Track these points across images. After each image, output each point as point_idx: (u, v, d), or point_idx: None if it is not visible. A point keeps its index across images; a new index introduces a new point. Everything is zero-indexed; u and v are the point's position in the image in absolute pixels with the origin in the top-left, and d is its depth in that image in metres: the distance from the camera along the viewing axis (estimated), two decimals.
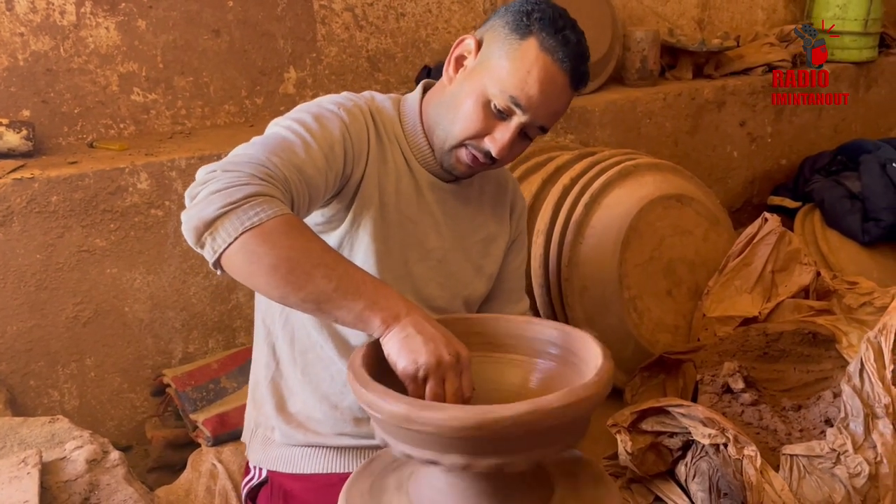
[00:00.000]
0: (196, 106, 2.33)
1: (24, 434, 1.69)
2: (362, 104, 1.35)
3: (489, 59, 1.29)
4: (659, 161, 2.41)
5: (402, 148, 1.39)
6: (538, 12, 1.28)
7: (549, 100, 1.27)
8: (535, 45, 1.26)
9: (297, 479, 1.42)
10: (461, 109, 1.30)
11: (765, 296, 2.16)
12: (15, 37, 2.05)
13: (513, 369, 1.25)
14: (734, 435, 1.64)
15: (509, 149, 1.30)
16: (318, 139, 1.21)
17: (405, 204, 1.37)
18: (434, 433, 0.95)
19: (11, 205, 1.85)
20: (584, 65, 1.30)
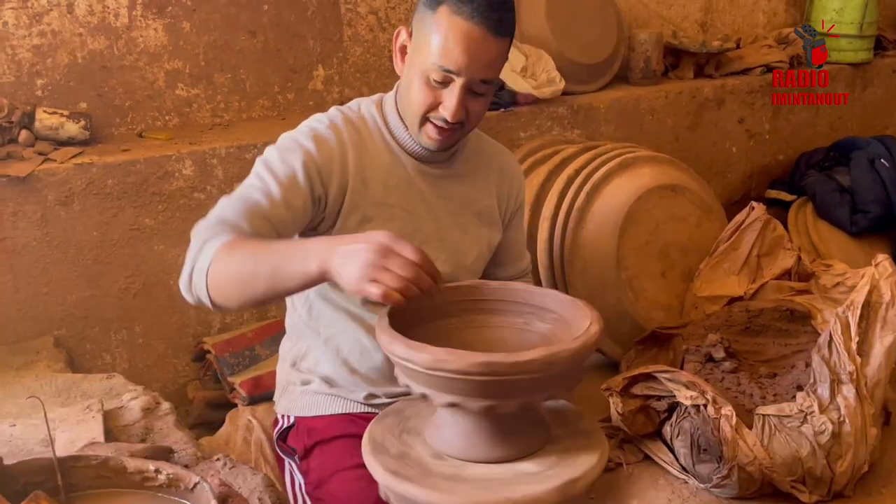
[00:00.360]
0: (234, 100, 2.55)
1: (86, 387, 1.91)
2: (339, 121, 1.49)
3: (418, 41, 1.41)
4: (657, 154, 2.60)
5: (389, 144, 1.53)
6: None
7: (476, 56, 1.36)
8: (445, 12, 1.35)
9: (320, 418, 1.62)
10: (412, 91, 1.42)
11: (750, 277, 2.35)
12: (74, 37, 2.28)
13: (513, 330, 1.45)
14: (713, 396, 1.83)
15: (462, 110, 1.40)
16: (281, 180, 1.38)
17: (398, 196, 1.52)
18: (451, 378, 1.15)
19: (73, 187, 2.08)
20: (498, 11, 1.36)
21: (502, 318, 1.44)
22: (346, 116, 1.53)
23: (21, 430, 1.67)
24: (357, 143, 1.50)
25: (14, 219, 2.04)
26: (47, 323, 2.14)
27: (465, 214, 1.62)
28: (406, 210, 1.54)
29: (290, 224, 1.41)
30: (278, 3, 2.55)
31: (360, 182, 1.49)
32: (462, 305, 1.43)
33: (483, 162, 1.65)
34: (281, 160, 1.42)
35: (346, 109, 1.56)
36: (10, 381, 1.94)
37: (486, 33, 1.36)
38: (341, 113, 1.54)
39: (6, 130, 2.15)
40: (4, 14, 2.17)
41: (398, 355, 1.19)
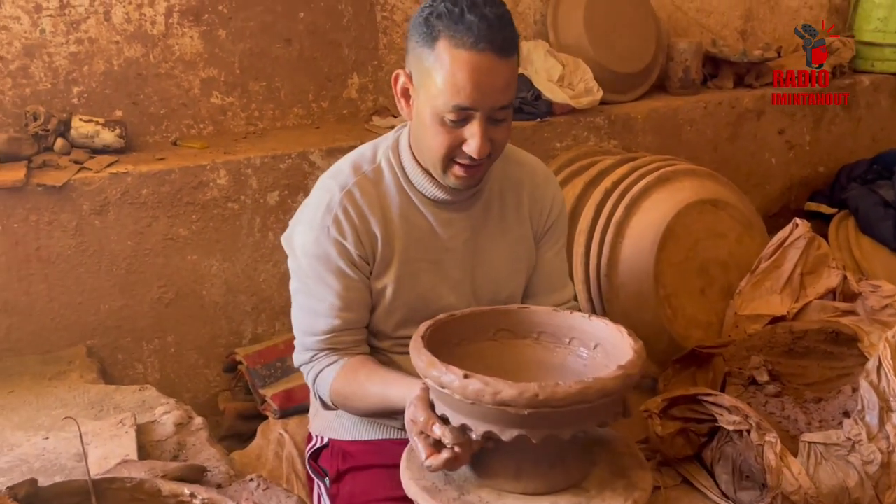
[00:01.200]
0: (268, 108, 2.53)
1: (118, 400, 1.90)
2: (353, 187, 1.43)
3: (421, 81, 1.31)
4: (697, 167, 2.54)
5: (408, 193, 1.46)
6: (435, 12, 1.27)
7: (489, 85, 1.27)
8: (446, 48, 1.26)
9: (355, 443, 1.60)
10: (428, 135, 1.34)
11: (793, 296, 2.29)
12: (111, 44, 2.27)
13: (551, 355, 1.41)
14: (757, 422, 1.78)
15: (486, 145, 1.32)
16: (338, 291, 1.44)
17: (421, 250, 1.47)
18: (497, 409, 1.12)
19: (108, 196, 2.07)
20: (502, 31, 1.27)
21: (540, 343, 1.41)
22: (361, 176, 1.45)
23: (54, 444, 1.66)
24: (377, 205, 1.44)
25: (49, 228, 2.03)
26: (80, 332, 2.13)
27: (497, 250, 1.56)
28: (430, 262, 1.50)
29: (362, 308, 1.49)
30: (314, 11, 2.52)
31: (386, 244, 1.45)
32: (499, 328, 1.40)
33: (511, 189, 1.56)
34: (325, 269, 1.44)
35: (362, 161, 1.47)
36: (44, 392, 1.93)
37: (494, 58, 1.27)
38: (355, 172, 1.45)
39: (42, 138, 2.15)
40: (42, 21, 2.17)
41: (439, 382, 1.16)
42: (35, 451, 1.63)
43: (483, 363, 1.31)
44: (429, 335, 1.26)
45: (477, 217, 1.52)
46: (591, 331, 1.37)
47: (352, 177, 1.45)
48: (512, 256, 1.58)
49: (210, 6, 2.37)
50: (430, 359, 1.18)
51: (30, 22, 2.16)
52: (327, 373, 1.45)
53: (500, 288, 1.57)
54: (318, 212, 1.43)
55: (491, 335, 1.40)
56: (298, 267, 1.47)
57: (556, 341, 1.39)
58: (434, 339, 1.26)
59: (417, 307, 1.49)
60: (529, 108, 2.68)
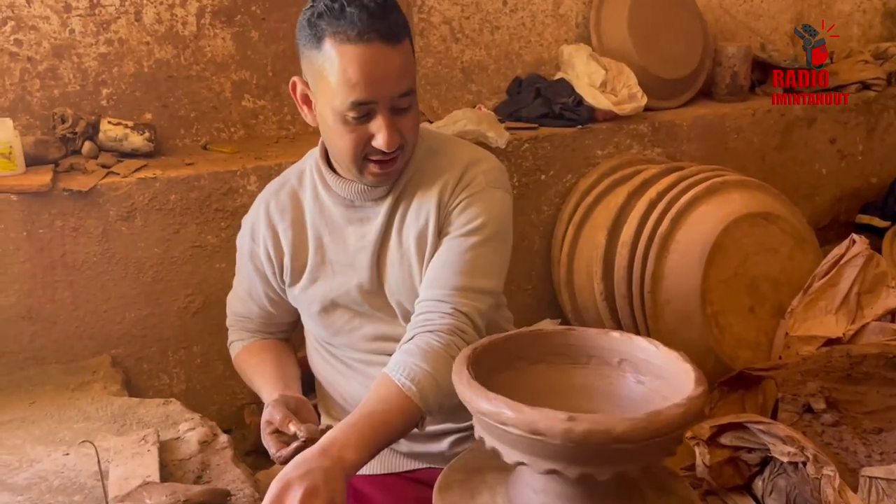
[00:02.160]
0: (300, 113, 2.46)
1: (142, 414, 1.84)
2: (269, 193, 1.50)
3: (317, 84, 1.28)
4: (747, 178, 2.43)
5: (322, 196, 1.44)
6: (315, 12, 1.24)
7: (383, 74, 1.23)
8: (332, 45, 1.22)
9: (360, 477, 1.50)
10: (334, 138, 1.30)
11: (849, 317, 2.17)
12: (141, 45, 2.21)
13: (602, 381, 1.32)
14: (814, 454, 1.67)
15: (395, 135, 1.27)
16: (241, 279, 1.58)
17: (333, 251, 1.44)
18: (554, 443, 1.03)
19: (135, 202, 2.01)
20: (386, 17, 1.23)
21: (589, 367, 1.31)
22: (281, 184, 1.51)
23: (74, 461, 1.60)
24: (292, 212, 1.46)
25: (75, 234, 1.98)
26: (105, 342, 2.07)
27: (407, 248, 1.42)
28: (344, 264, 1.44)
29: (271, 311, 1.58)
30: None
31: (297, 249, 1.46)
32: (544, 351, 1.30)
33: (425, 180, 1.40)
34: (240, 264, 1.58)
35: (293, 168, 1.54)
36: (66, 404, 1.87)
37: (382, 46, 1.22)
38: (279, 180, 1.53)
39: (70, 141, 2.10)
40: (72, 21, 2.12)
41: (497, 419, 1.07)
42: (55, 467, 1.58)
43: (531, 390, 1.23)
44: (470, 364, 1.17)
45: (389, 213, 1.42)
46: (641, 355, 1.27)
47: (275, 185, 1.52)
48: (418, 251, 1.41)
49: (243, 7, 2.30)
50: (483, 392, 1.08)
51: (59, 22, 2.11)
52: (235, 346, 1.66)
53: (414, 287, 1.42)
54: (248, 213, 1.55)
55: (536, 359, 1.31)
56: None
57: (606, 366, 1.30)
58: (476, 367, 1.17)
59: (339, 313, 1.47)
60: (570, 114, 2.59)
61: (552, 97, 2.61)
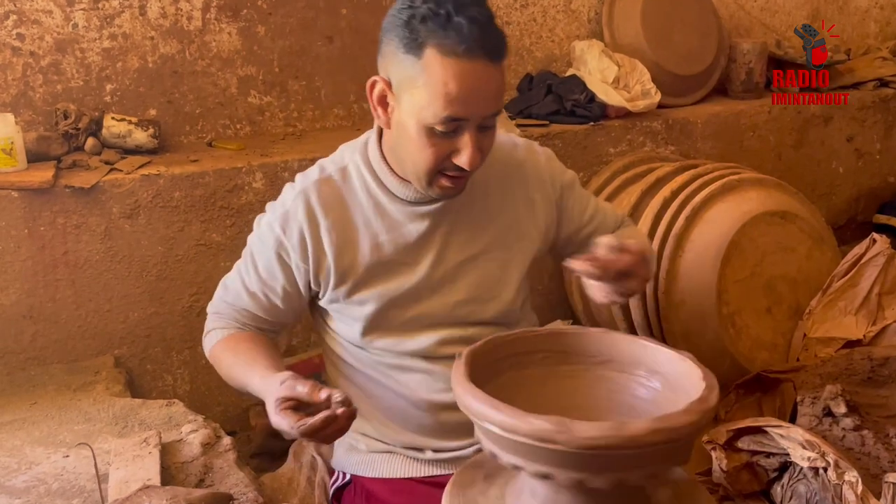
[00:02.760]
0: (307, 109, 2.42)
1: (144, 415, 1.80)
2: (312, 188, 1.36)
3: (405, 91, 1.21)
4: (763, 176, 2.38)
5: (376, 195, 1.37)
6: (417, 16, 1.17)
7: (483, 93, 1.19)
8: (435, 56, 1.16)
9: (378, 481, 1.48)
10: (413, 148, 1.24)
11: (870, 318, 2.12)
12: (146, 40, 2.18)
13: (601, 384, 1.27)
14: (835, 459, 1.61)
15: (478, 154, 1.24)
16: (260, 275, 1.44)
17: (393, 250, 1.37)
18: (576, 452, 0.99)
19: (139, 199, 1.97)
20: (494, 34, 1.18)
21: (588, 370, 1.27)
22: (325, 176, 1.38)
23: (74, 463, 1.57)
24: (337, 208, 1.36)
25: (77, 231, 1.94)
26: (108, 341, 2.04)
27: (480, 243, 1.42)
28: (404, 263, 1.38)
29: (279, 306, 1.46)
30: (357, 7, 2.41)
31: (343, 249, 1.36)
32: (542, 354, 1.26)
33: (494, 175, 1.43)
34: (259, 251, 1.43)
35: (329, 164, 1.41)
36: (67, 405, 1.84)
37: (487, 64, 1.17)
38: (320, 172, 1.39)
39: (73, 137, 2.06)
40: (75, 15, 2.09)
41: (489, 420, 1.03)
42: (54, 470, 1.55)
43: (529, 394, 1.19)
44: (470, 362, 1.12)
45: (454, 210, 1.39)
46: (650, 357, 1.22)
47: (314, 176, 1.39)
48: (504, 244, 1.43)
49: (249, 1, 2.27)
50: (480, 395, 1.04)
51: (62, 16, 2.08)
52: (217, 333, 1.51)
53: (492, 282, 1.43)
54: (276, 204, 1.42)
55: (540, 360, 1.26)
56: (250, 236, 1.48)
57: (613, 368, 1.25)
58: (476, 366, 1.13)
59: (394, 313, 1.40)
60: (582, 110, 2.54)
61: (564, 94, 2.56)
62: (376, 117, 1.30)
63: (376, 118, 1.30)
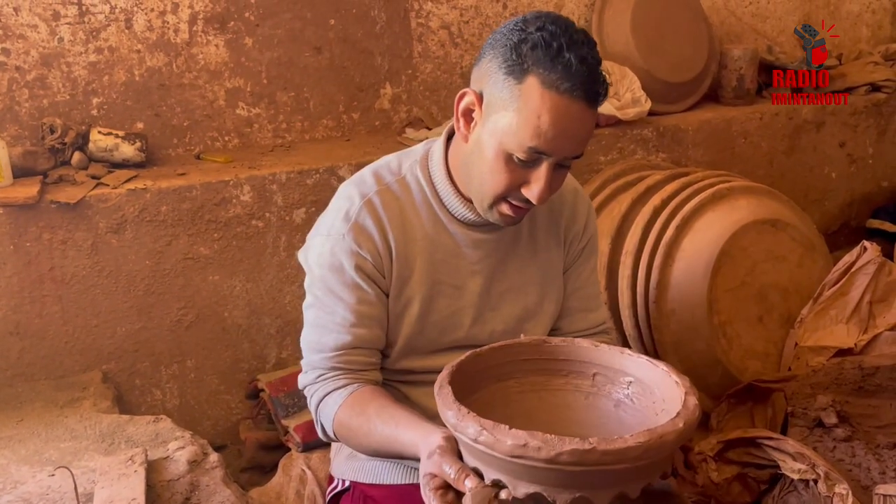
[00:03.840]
0: (296, 120, 2.41)
1: (131, 432, 1.79)
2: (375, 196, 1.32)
3: (495, 111, 1.19)
4: (754, 184, 2.37)
5: (436, 212, 1.34)
6: (528, 42, 1.15)
7: (571, 134, 1.17)
8: (536, 86, 1.14)
9: (377, 487, 1.46)
10: (485, 168, 1.23)
11: (861, 327, 2.10)
12: (132, 53, 2.17)
13: (580, 395, 1.26)
14: (825, 471, 1.60)
15: (549, 192, 1.22)
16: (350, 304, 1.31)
17: (445, 272, 1.35)
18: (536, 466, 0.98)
19: (125, 213, 1.96)
20: (597, 81, 1.16)
21: (567, 380, 1.26)
22: (384, 186, 1.34)
23: (59, 482, 1.56)
24: (398, 219, 1.32)
25: (63, 247, 1.93)
26: (96, 357, 2.03)
27: (525, 275, 1.43)
28: (454, 286, 1.36)
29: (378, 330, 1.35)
30: (345, 18, 2.40)
31: (403, 262, 1.33)
32: (522, 365, 1.24)
33: (543, 209, 1.43)
34: (339, 281, 1.31)
35: (386, 173, 1.36)
36: (54, 421, 1.82)
37: (584, 108, 1.15)
38: (377, 182, 1.34)
39: (59, 152, 2.05)
40: (60, 29, 2.08)
41: (467, 436, 1.02)
42: (39, 489, 1.53)
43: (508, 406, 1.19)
44: (455, 375, 1.11)
45: (508, 239, 1.40)
46: (623, 366, 1.21)
47: (374, 186, 1.34)
48: (542, 280, 1.44)
49: (236, 13, 2.25)
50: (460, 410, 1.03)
51: (47, 30, 2.07)
52: (334, 398, 1.31)
53: (528, 315, 1.44)
54: (335, 220, 1.32)
55: (514, 373, 1.25)
56: (312, 281, 1.35)
57: (594, 379, 1.24)
58: (460, 380, 1.12)
59: (433, 336, 1.37)
60: None
61: None
62: (457, 129, 1.28)
63: (457, 129, 1.28)
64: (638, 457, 0.97)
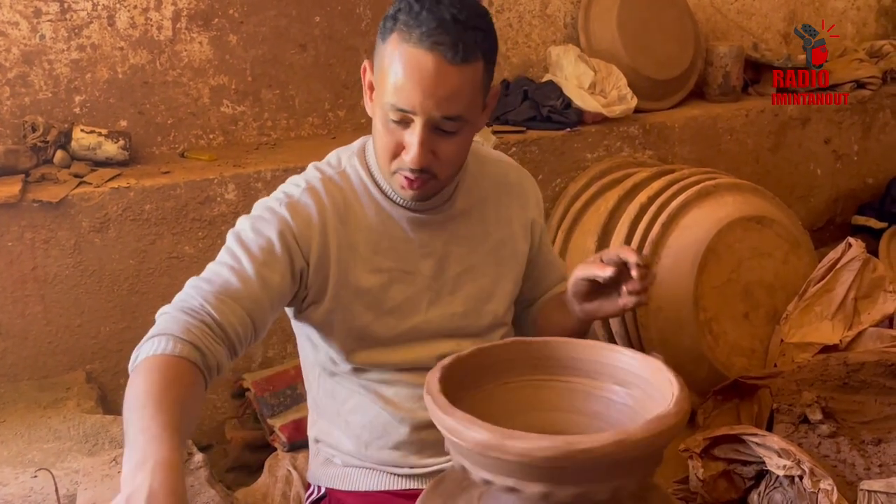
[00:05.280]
0: (281, 118, 2.40)
1: (115, 432, 1.78)
2: (318, 184, 1.30)
3: (377, 75, 1.22)
4: (740, 181, 2.38)
5: (377, 200, 1.33)
6: (400, 5, 1.17)
7: (431, 90, 1.15)
8: (395, 40, 1.15)
9: (353, 494, 1.45)
10: (377, 136, 1.25)
11: (846, 323, 2.11)
12: (115, 51, 2.15)
13: (583, 395, 1.26)
14: (810, 468, 1.61)
15: (425, 154, 1.20)
16: (254, 256, 1.22)
17: (393, 258, 1.34)
18: (516, 461, 0.97)
19: (109, 212, 1.95)
20: (459, 34, 1.14)
21: (564, 379, 1.25)
22: (326, 177, 1.33)
23: (42, 483, 1.55)
24: (341, 208, 1.31)
25: (46, 246, 1.91)
26: (79, 357, 2.01)
27: (478, 255, 1.41)
28: (404, 271, 1.35)
29: (266, 304, 1.23)
30: (331, 15, 2.39)
31: (347, 252, 1.30)
32: (517, 364, 1.24)
33: (490, 189, 1.43)
34: (254, 231, 1.25)
35: (326, 167, 1.36)
36: (37, 423, 1.81)
37: (441, 61, 1.13)
38: (320, 173, 1.34)
39: (41, 151, 2.03)
40: (42, 27, 2.06)
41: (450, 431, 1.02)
42: (22, 491, 1.52)
43: (504, 404, 1.18)
44: (443, 378, 1.11)
45: (453, 220, 1.38)
46: (620, 363, 1.21)
47: (316, 175, 1.33)
48: (496, 261, 1.43)
49: (220, 10, 2.24)
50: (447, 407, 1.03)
51: (29, 27, 2.05)
52: (157, 343, 1.15)
53: (486, 296, 1.42)
54: (273, 199, 1.30)
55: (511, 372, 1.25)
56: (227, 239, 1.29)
57: (585, 377, 1.24)
58: (449, 382, 1.12)
59: (391, 323, 1.35)
60: (559, 116, 2.53)
61: (540, 100, 2.55)
62: (366, 105, 1.29)
63: (366, 106, 1.29)
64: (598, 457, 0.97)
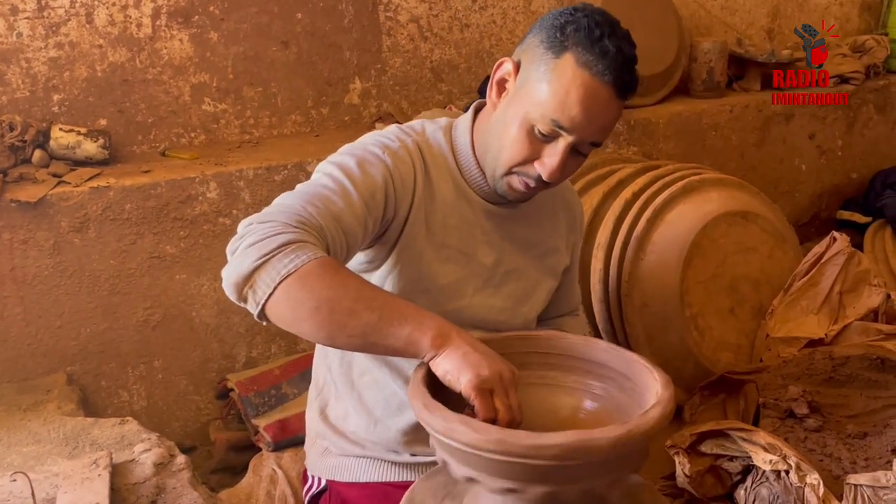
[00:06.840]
0: (264, 116, 2.38)
1: (96, 435, 1.75)
2: (409, 143, 1.31)
3: (528, 81, 1.22)
4: (724, 176, 2.37)
5: (455, 179, 1.35)
6: (573, 24, 1.20)
7: (594, 117, 1.20)
8: (571, 62, 1.18)
9: (353, 486, 1.44)
10: (507, 136, 1.25)
11: (831, 317, 2.11)
12: (94, 49, 2.12)
13: (567, 391, 1.25)
14: (796, 462, 1.60)
15: (560, 171, 1.24)
16: (359, 186, 1.19)
17: (457, 238, 1.34)
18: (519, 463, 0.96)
19: (88, 212, 1.92)
20: (629, 73, 1.20)
21: (550, 375, 1.25)
22: (416, 139, 1.33)
23: (21, 486, 1.52)
24: (424, 172, 1.32)
25: (24, 247, 1.88)
26: (60, 359, 1.98)
27: (527, 258, 1.45)
28: (463, 253, 1.36)
29: (357, 241, 1.19)
30: (313, 12, 2.37)
31: (421, 215, 1.31)
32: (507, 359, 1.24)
33: (550, 200, 1.47)
34: (360, 167, 1.21)
35: (411, 131, 1.35)
36: (17, 426, 1.78)
37: (613, 96, 1.19)
38: (408, 134, 1.34)
39: (19, 150, 2.00)
40: (19, 24, 2.03)
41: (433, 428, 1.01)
42: (1, 495, 1.49)
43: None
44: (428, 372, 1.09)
45: (517, 219, 1.42)
46: (607, 360, 1.21)
47: (407, 136, 1.33)
48: (539, 268, 1.47)
49: (200, 7, 2.22)
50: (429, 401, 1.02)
51: (5, 25, 2.02)
52: (309, 248, 1.05)
53: (525, 298, 1.46)
54: (369, 142, 1.28)
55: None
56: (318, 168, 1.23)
57: (569, 372, 1.24)
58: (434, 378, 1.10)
59: (438, 299, 1.34)
60: None
61: None
62: (489, 96, 1.29)
63: (489, 97, 1.29)
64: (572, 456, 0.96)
